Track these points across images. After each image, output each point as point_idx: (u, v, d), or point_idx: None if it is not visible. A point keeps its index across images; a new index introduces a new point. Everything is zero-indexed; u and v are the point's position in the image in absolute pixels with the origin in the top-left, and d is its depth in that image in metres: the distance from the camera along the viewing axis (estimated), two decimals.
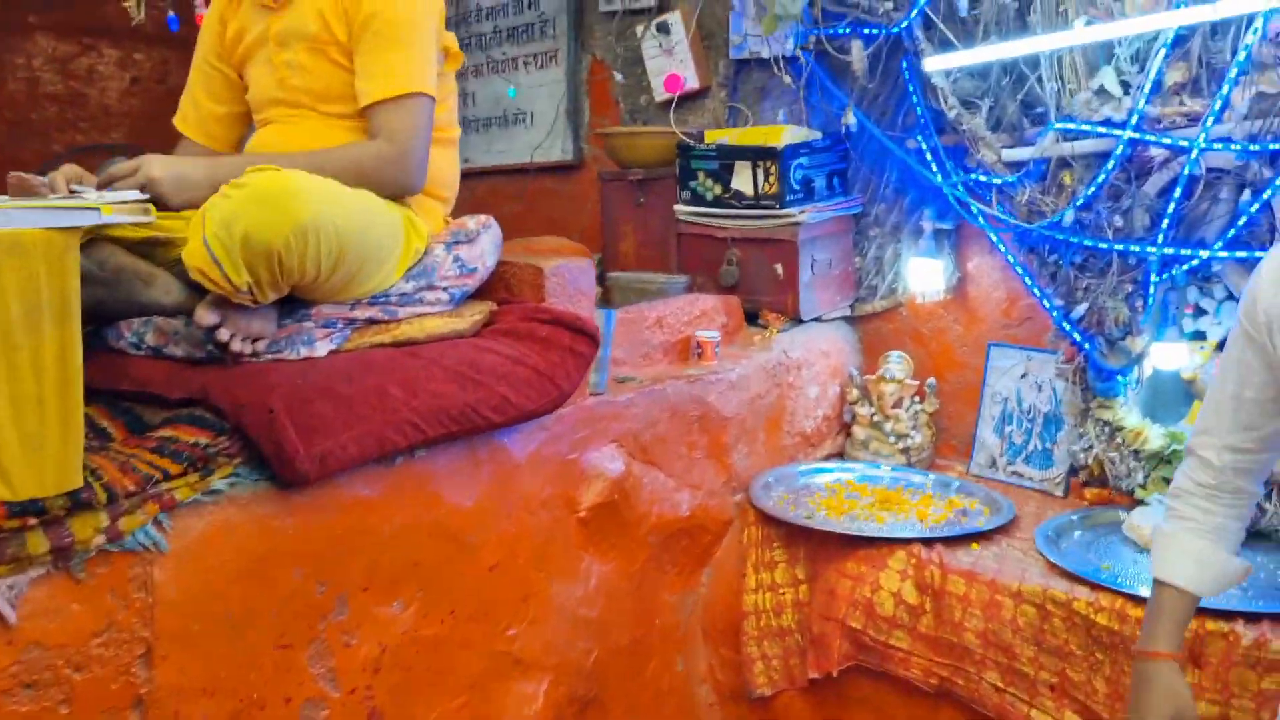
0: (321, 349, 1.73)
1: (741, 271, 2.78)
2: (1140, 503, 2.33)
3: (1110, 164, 2.28)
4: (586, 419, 2.16)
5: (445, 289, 1.93)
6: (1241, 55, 2.12)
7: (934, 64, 2.50)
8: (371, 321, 1.83)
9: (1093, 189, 2.31)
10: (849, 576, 2.22)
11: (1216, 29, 2.20)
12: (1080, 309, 2.36)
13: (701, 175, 2.82)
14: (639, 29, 3.19)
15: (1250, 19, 2.13)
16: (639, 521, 2.27)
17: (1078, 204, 2.34)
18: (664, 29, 3.10)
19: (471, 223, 1.99)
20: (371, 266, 1.77)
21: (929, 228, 2.71)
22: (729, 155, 2.75)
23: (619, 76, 3.27)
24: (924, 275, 2.73)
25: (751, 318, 2.80)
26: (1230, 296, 2.35)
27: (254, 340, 1.66)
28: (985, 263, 2.69)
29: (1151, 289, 2.32)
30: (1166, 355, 2.37)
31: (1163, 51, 2.22)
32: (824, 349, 2.81)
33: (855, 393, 2.81)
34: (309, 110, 1.94)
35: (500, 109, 3.67)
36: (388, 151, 1.85)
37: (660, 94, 3.17)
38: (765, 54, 2.93)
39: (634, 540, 2.27)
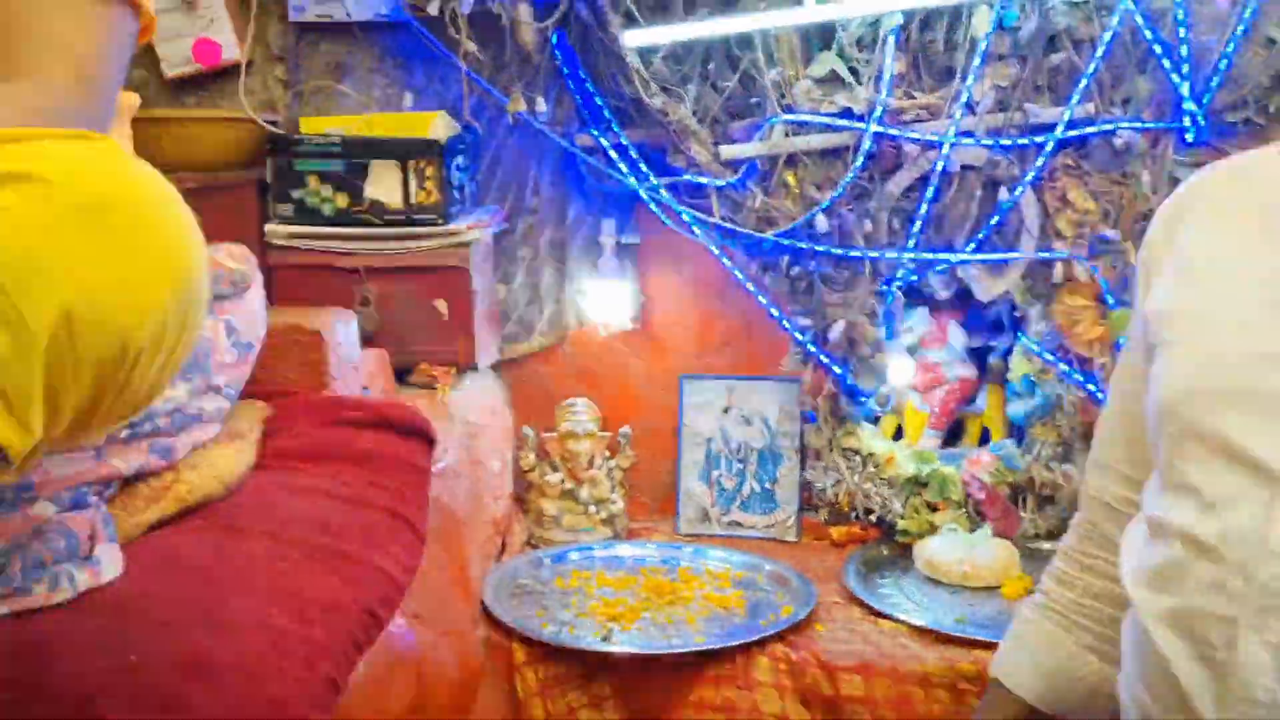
0: (108, 563, 0.73)
1: (383, 314, 2.00)
2: (900, 532, 2.11)
3: (858, 161, 2.02)
4: None
5: (223, 388, 0.98)
6: (982, 45, 1.99)
7: (634, 39, 2.01)
8: (137, 477, 0.84)
9: (840, 190, 2.03)
10: (715, 708, 1.66)
11: (929, 19, 2.05)
12: (838, 328, 2.07)
13: (314, 181, 1.97)
14: None
15: (971, 9, 2.02)
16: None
17: (824, 207, 2.04)
18: None
19: (226, 257, 1.05)
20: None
21: (610, 243, 2.20)
22: (362, 152, 1.95)
23: None
24: (607, 301, 2.22)
25: (399, 375, 2.04)
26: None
27: None
28: (673, 283, 2.27)
29: (890, 300, 2.12)
30: (898, 370, 2.19)
31: (890, 38, 2.02)
32: (491, 406, 2.15)
33: (531, 457, 2.20)
34: None
35: None
36: (75, 102, 0.87)
37: (179, 66, 2.18)
38: (344, 16, 2.16)
39: None
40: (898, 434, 2.30)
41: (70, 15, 0.86)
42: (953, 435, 2.28)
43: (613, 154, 2.11)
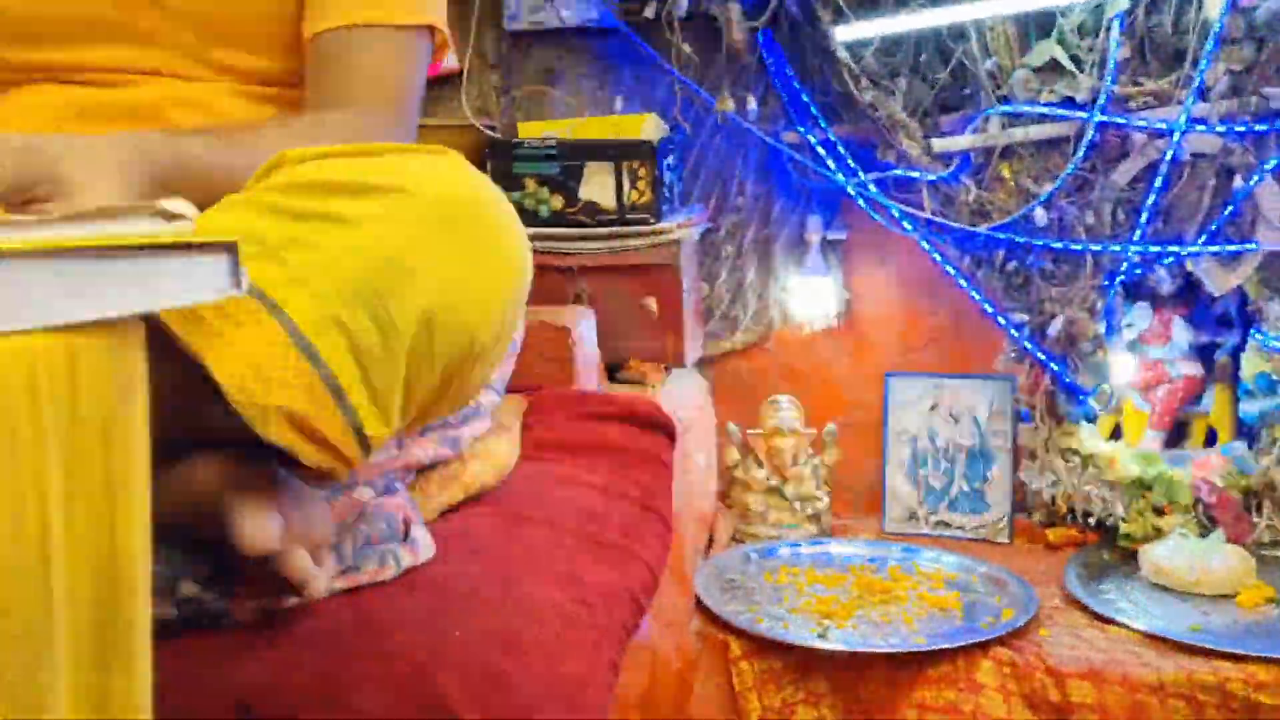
0: (424, 545, 0.79)
1: (595, 311, 2.05)
2: (1123, 536, 2.03)
3: (1080, 151, 1.95)
4: None
5: (494, 383, 1.03)
6: (1216, 28, 1.90)
7: (846, 34, 2.00)
8: (430, 465, 0.90)
9: (1060, 182, 1.97)
10: (937, 710, 1.64)
11: (1157, 2, 1.97)
12: (1057, 324, 2.01)
13: (532, 184, 2.03)
14: None
15: None
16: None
17: (1044, 199, 1.98)
18: None
19: None
20: None
21: (815, 240, 2.20)
22: (577, 154, 2.00)
23: None
24: (812, 298, 2.22)
25: (609, 371, 2.08)
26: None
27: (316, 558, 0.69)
28: (878, 279, 2.25)
29: (1113, 295, 2.04)
30: (1120, 368, 2.10)
31: (1116, 24, 1.94)
32: (698, 402, 2.17)
33: (735, 454, 2.21)
34: (166, 52, 0.94)
35: None
36: (390, 124, 0.94)
37: None
38: (557, 23, 2.22)
39: None
40: (1114, 434, 2.21)
41: (383, 47, 0.93)
42: (1174, 436, 2.18)
43: (820, 150, 2.10)
